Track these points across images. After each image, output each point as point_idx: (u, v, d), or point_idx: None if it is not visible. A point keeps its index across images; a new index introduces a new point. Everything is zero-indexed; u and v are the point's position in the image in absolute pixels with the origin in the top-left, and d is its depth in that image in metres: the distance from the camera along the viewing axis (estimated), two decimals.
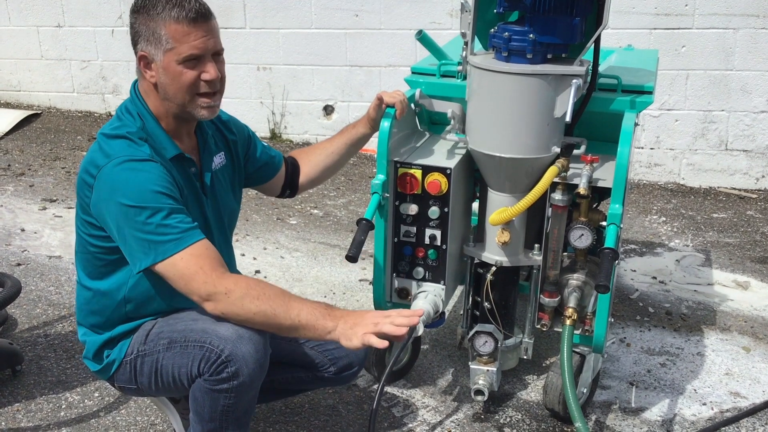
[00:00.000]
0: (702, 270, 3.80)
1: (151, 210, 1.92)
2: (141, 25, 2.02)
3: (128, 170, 1.96)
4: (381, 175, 2.48)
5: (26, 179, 4.85)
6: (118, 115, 2.10)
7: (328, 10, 5.20)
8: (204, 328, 2.01)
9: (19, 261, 3.77)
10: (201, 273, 1.93)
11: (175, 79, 2.03)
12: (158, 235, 1.92)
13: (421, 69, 2.71)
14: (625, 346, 3.13)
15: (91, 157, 2.03)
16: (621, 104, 2.45)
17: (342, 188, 4.81)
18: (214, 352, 1.96)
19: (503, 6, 2.33)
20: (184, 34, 1.99)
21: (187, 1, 1.99)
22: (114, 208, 1.94)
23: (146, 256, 1.94)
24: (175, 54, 2.00)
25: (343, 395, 2.78)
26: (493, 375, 2.57)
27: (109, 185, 1.95)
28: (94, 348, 2.18)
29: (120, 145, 2.01)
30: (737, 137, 4.77)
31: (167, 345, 2.07)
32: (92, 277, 2.15)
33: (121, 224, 1.94)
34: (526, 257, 2.57)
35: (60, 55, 5.92)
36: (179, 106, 2.07)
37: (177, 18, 1.98)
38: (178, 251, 1.93)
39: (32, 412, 2.66)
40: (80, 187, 2.04)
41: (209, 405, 2.02)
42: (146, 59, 2.04)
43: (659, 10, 4.64)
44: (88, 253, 2.12)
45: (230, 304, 1.94)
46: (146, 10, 2.01)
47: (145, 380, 2.14)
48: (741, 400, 2.81)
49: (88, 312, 2.19)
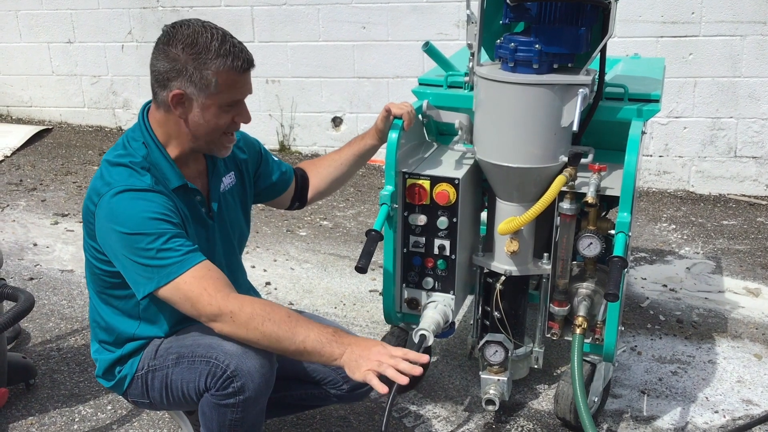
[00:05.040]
0: (713, 277, 3.79)
1: (150, 236, 1.92)
2: (187, 64, 1.97)
3: (127, 199, 1.96)
4: (389, 186, 2.49)
5: (38, 194, 4.89)
6: (123, 143, 2.09)
7: (336, 23, 5.23)
8: (210, 344, 2.02)
9: (32, 275, 3.80)
10: (205, 294, 1.92)
11: (211, 121, 2.04)
12: (160, 260, 1.92)
13: (429, 80, 2.72)
14: (636, 354, 3.13)
15: (94, 185, 2.04)
16: (628, 113, 2.45)
17: (351, 199, 4.82)
18: (220, 367, 1.97)
19: (509, 17, 2.34)
20: (234, 82, 2.01)
21: (240, 51, 2.01)
22: (113, 237, 1.95)
23: (149, 282, 1.94)
24: (219, 98, 2.01)
25: (354, 406, 2.78)
26: (504, 384, 2.57)
27: (107, 213, 1.96)
28: (105, 365, 2.20)
29: (120, 173, 2.01)
30: (746, 144, 4.76)
31: (176, 360, 2.08)
32: (105, 299, 2.16)
33: (121, 252, 1.95)
34: (535, 266, 2.58)
35: (71, 71, 5.97)
36: (206, 144, 2.09)
37: (231, 67, 1.99)
38: (180, 274, 1.92)
39: (46, 426, 2.68)
40: (85, 213, 2.07)
41: (217, 419, 2.04)
42: (182, 97, 2.00)
43: (666, 18, 4.65)
44: (95, 275, 2.14)
45: (236, 327, 1.93)
46: (197, 52, 1.96)
47: (156, 394, 2.15)
48: (753, 407, 2.80)
49: (98, 329, 2.22)
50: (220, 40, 1.98)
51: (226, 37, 2.00)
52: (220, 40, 1.98)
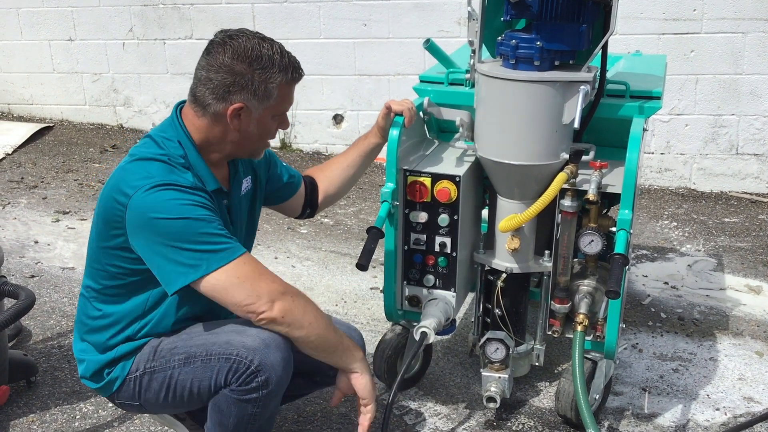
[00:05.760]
0: (714, 275, 3.78)
1: (201, 221, 1.93)
2: (254, 78, 1.99)
3: (171, 191, 1.94)
4: (390, 183, 2.49)
5: (39, 192, 4.89)
6: (155, 141, 2.06)
7: (337, 20, 5.23)
8: (228, 341, 2.02)
9: (33, 273, 3.80)
10: (266, 273, 1.99)
11: (263, 131, 2.09)
12: (213, 245, 1.93)
13: (430, 77, 2.72)
14: (637, 351, 3.12)
15: (124, 179, 1.98)
16: (629, 110, 2.45)
17: (352, 197, 4.82)
18: (243, 363, 1.98)
19: (510, 14, 2.33)
20: (288, 94, 2.08)
21: (296, 63, 2.08)
22: (154, 226, 1.92)
23: (193, 270, 1.92)
24: (274, 110, 2.06)
25: (355, 404, 2.77)
26: (505, 382, 2.57)
27: (148, 204, 1.92)
28: (94, 367, 2.16)
29: (159, 168, 1.98)
30: (748, 141, 4.75)
31: (184, 360, 2.06)
32: (105, 298, 2.13)
33: (163, 242, 1.92)
34: (536, 264, 2.58)
35: (72, 69, 5.97)
36: (249, 151, 2.13)
37: (291, 79, 2.05)
38: (237, 256, 1.94)
39: (47, 423, 2.68)
40: (110, 207, 1.99)
41: (236, 415, 2.04)
42: (241, 109, 2.02)
43: (667, 15, 4.64)
44: (106, 273, 2.09)
45: (294, 305, 2.00)
46: (262, 65, 1.99)
47: (151, 396, 2.12)
48: (754, 405, 2.80)
49: (90, 330, 2.17)
50: (279, 53, 2.03)
51: (282, 49, 2.05)
52: (279, 53, 2.03)
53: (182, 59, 5.62)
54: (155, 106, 5.88)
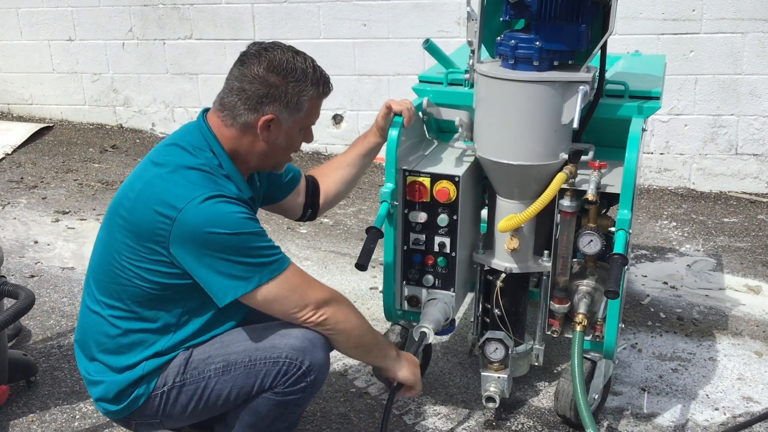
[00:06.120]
0: (713, 275, 3.79)
1: (255, 235, 1.94)
2: (288, 91, 2.01)
3: (224, 203, 1.93)
4: (390, 183, 2.49)
5: (39, 192, 4.89)
6: (188, 150, 2.03)
7: (337, 20, 5.23)
8: (273, 344, 2.03)
9: (33, 273, 3.80)
10: (313, 282, 2.05)
11: (290, 143, 2.11)
12: (265, 257, 1.96)
13: (429, 77, 2.72)
14: (636, 351, 3.13)
15: (167, 189, 1.94)
16: (628, 110, 2.45)
17: (352, 197, 4.82)
18: (293, 365, 2.01)
19: (509, 14, 2.33)
20: (317, 107, 2.10)
21: (327, 77, 2.11)
22: (209, 240, 1.90)
23: (246, 282, 1.93)
24: (302, 122, 2.09)
25: (354, 404, 2.78)
26: (504, 382, 2.57)
27: (203, 218, 1.90)
28: (117, 388, 2.06)
29: (203, 179, 1.96)
30: (747, 141, 4.76)
31: (222, 369, 2.05)
32: (130, 315, 2.05)
33: (218, 255, 1.90)
34: (535, 264, 2.58)
35: (71, 69, 5.98)
36: (273, 164, 2.15)
37: (320, 93, 2.08)
38: (286, 267, 1.98)
39: (47, 423, 2.68)
40: (151, 220, 1.93)
41: (274, 416, 2.06)
42: (272, 121, 2.03)
43: (666, 15, 4.64)
44: (135, 291, 2.01)
45: (338, 310, 2.06)
46: (296, 79, 2.02)
47: (177, 410, 2.08)
48: (754, 404, 2.80)
49: (107, 350, 2.08)
50: (312, 67, 2.06)
51: (314, 63, 2.08)
52: (312, 67, 2.06)
53: (182, 59, 5.63)
54: (155, 106, 5.88)
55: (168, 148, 2.07)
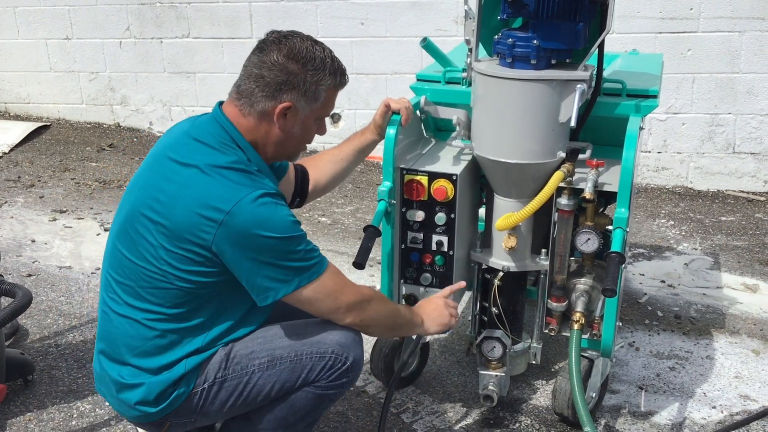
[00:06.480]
0: (711, 273, 3.79)
1: (298, 239, 1.94)
2: (306, 79, 2.00)
3: (270, 204, 1.91)
4: (387, 182, 2.49)
5: (36, 190, 4.89)
6: (215, 147, 1.98)
7: (334, 19, 5.23)
8: (319, 340, 2.07)
9: (30, 272, 3.80)
10: (348, 284, 2.06)
11: (305, 133, 2.11)
12: (307, 261, 1.97)
13: (426, 76, 2.72)
14: (634, 350, 3.13)
15: (207, 191, 1.90)
16: (626, 108, 2.45)
17: (349, 196, 4.82)
18: (339, 359, 2.05)
19: (507, 12, 2.34)
20: (333, 98, 2.11)
21: (344, 69, 2.11)
22: (257, 243, 1.89)
23: (286, 284, 1.94)
24: (318, 112, 2.09)
25: (352, 402, 2.79)
26: (502, 380, 2.57)
27: (252, 220, 1.88)
28: (159, 389, 2.01)
29: (242, 178, 1.94)
30: (744, 140, 4.76)
31: (267, 364, 2.05)
32: (168, 317, 2.00)
33: (262, 258, 1.90)
34: (533, 262, 2.58)
35: (69, 67, 5.97)
36: (288, 154, 2.15)
37: (338, 83, 2.08)
38: (324, 271, 2.00)
39: (44, 422, 2.68)
40: (194, 223, 1.89)
41: (307, 410, 2.09)
42: (289, 109, 2.02)
43: (664, 14, 4.64)
44: (176, 290, 1.97)
45: (369, 310, 2.10)
46: (315, 68, 2.01)
47: (215, 407, 2.06)
48: (751, 402, 2.80)
49: (143, 352, 2.02)
50: (330, 57, 2.06)
51: (332, 53, 2.08)
52: (330, 57, 2.06)
53: (179, 58, 5.62)
54: (152, 104, 5.88)
55: (189, 144, 2.01)
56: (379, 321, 2.16)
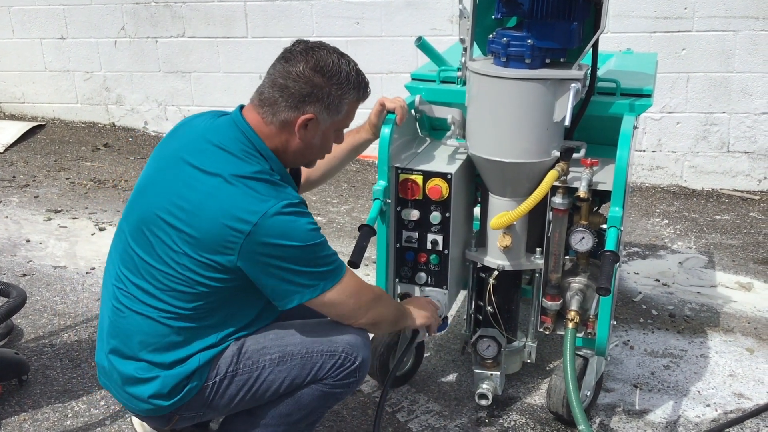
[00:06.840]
0: (705, 272, 3.80)
1: (320, 246, 1.98)
2: (331, 92, 2.02)
3: (293, 215, 1.93)
4: (382, 181, 2.49)
5: (31, 190, 4.88)
6: (238, 156, 1.99)
7: (330, 18, 5.23)
8: (330, 338, 2.10)
9: (25, 271, 3.79)
10: (363, 284, 2.11)
11: (324, 144, 2.12)
12: (328, 266, 2.00)
13: (421, 75, 2.72)
14: (628, 348, 3.14)
15: (233, 202, 1.91)
16: (620, 107, 2.46)
17: (345, 195, 4.82)
18: (348, 359, 2.09)
19: (501, 12, 2.34)
20: (354, 111, 2.13)
21: (367, 83, 2.13)
22: (281, 253, 1.91)
23: (311, 289, 1.98)
24: (339, 124, 2.11)
25: (347, 401, 2.79)
26: (497, 379, 2.58)
27: (277, 231, 1.91)
28: (173, 382, 2.03)
29: (267, 189, 1.94)
30: (739, 139, 4.77)
31: (278, 359, 2.07)
32: (185, 316, 2.02)
33: (287, 265, 1.93)
34: (527, 261, 2.58)
35: (63, 67, 5.96)
36: (306, 162, 2.17)
37: (360, 97, 2.10)
38: (343, 274, 2.03)
39: (39, 422, 2.68)
40: (221, 233, 1.91)
41: (312, 408, 2.12)
42: (311, 121, 2.03)
43: (658, 13, 4.65)
44: (195, 293, 1.99)
45: (381, 308, 2.16)
46: (339, 82, 2.03)
47: (224, 401, 2.08)
48: (745, 401, 2.81)
49: (158, 348, 2.03)
50: (355, 71, 2.09)
51: (357, 67, 2.11)
52: (355, 71, 2.08)
53: (174, 57, 5.61)
54: (147, 104, 5.87)
55: (210, 151, 2.01)
56: (389, 317, 2.22)
